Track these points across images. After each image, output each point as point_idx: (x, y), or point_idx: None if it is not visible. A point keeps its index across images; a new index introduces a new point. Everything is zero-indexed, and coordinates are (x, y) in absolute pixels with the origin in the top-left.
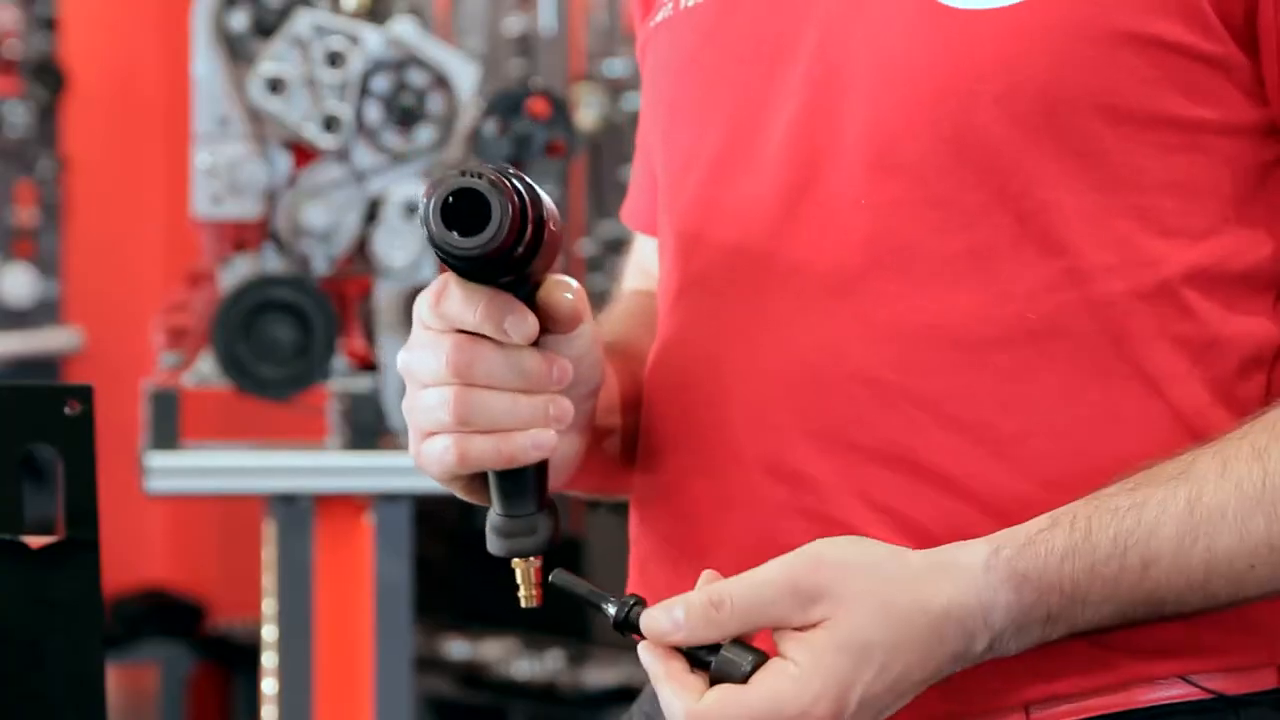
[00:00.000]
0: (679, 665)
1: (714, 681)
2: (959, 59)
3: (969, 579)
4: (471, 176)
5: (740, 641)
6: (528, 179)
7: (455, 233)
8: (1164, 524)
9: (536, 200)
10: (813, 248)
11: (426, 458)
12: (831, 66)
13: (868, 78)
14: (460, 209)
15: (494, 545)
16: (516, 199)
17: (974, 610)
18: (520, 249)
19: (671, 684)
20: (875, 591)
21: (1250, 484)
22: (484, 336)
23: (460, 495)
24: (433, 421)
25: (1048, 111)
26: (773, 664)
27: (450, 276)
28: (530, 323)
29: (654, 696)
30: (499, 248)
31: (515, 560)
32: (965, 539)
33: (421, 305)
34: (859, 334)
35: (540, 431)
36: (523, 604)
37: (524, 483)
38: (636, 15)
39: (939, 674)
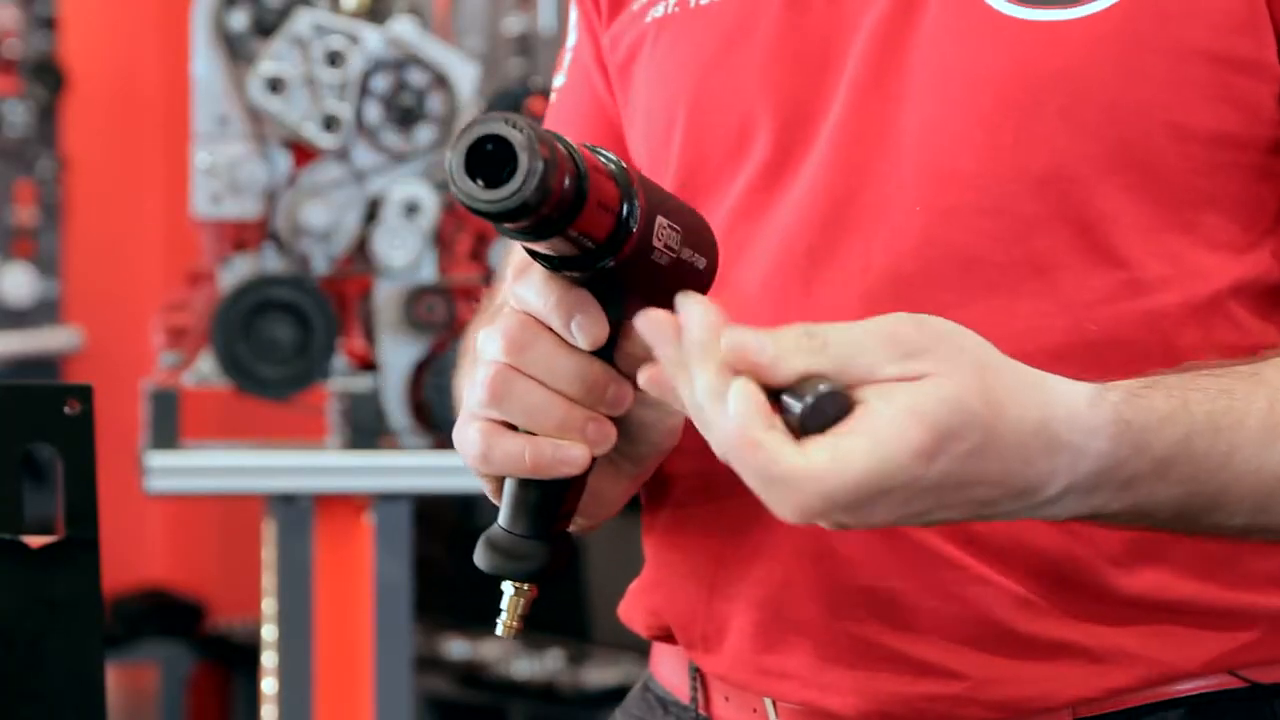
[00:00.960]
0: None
1: (804, 427)
2: (1022, 69)
3: (1070, 407)
4: (507, 125)
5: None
6: (607, 154)
7: (480, 183)
8: (1250, 415)
9: (580, 170)
10: (864, 255)
11: (459, 443)
12: (881, 72)
13: (922, 85)
14: (494, 161)
15: (483, 559)
16: (552, 153)
17: (1065, 445)
18: (548, 210)
19: (766, 438)
20: (982, 365)
21: None
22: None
23: (490, 496)
24: (473, 400)
25: (1111, 123)
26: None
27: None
28: (599, 329)
29: (641, 701)
30: (523, 205)
31: (506, 583)
32: (1024, 539)
33: (505, 284)
34: None
35: (572, 446)
36: (499, 630)
37: (539, 499)
38: (596, 8)
39: (1003, 500)
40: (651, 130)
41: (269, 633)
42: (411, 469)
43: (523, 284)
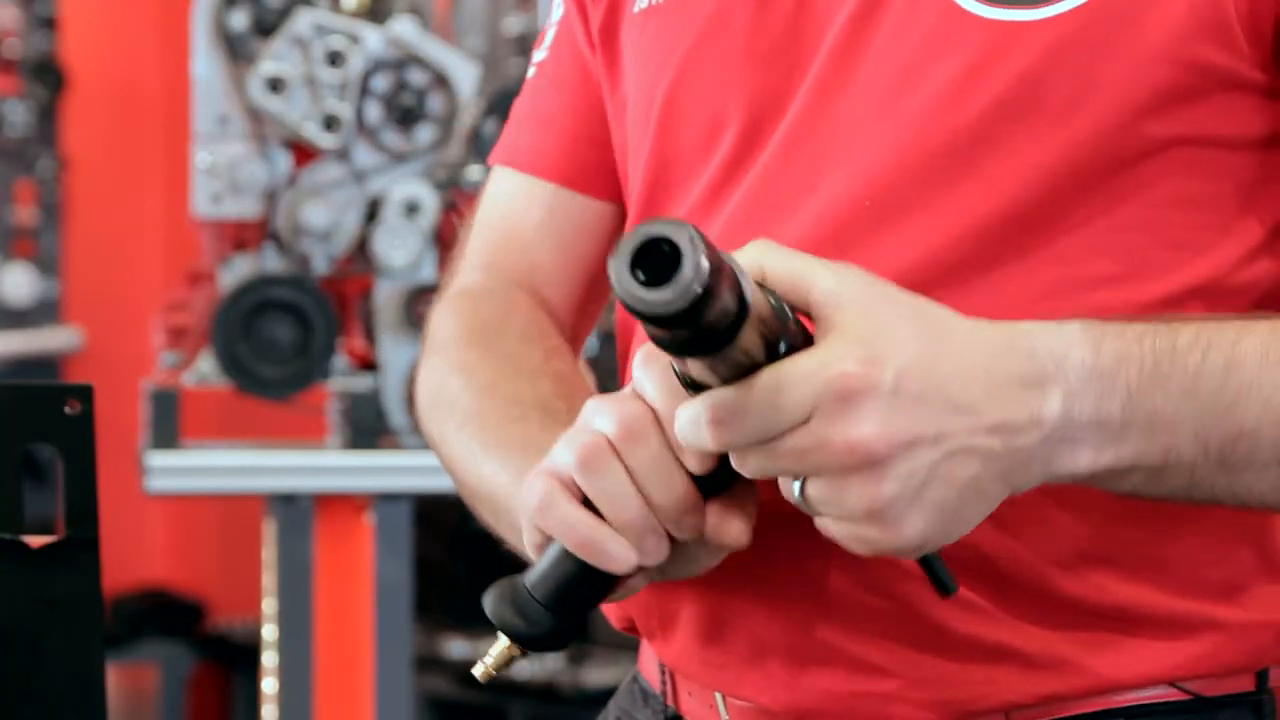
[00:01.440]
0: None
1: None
2: (982, 68)
3: (1034, 327)
4: (674, 227)
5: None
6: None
7: (640, 279)
8: (1247, 334)
9: (741, 285)
10: (811, 252)
11: (526, 487)
12: (842, 68)
13: (883, 81)
14: (658, 271)
15: (492, 605)
16: (717, 261)
17: (1043, 353)
18: (711, 317)
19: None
20: (923, 304)
21: None
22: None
23: (528, 550)
24: (559, 457)
25: (1068, 125)
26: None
27: (665, 355)
28: (710, 459)
29: (628, 693)
30: (682, 310)
31: (503, 634)
32: (965, 540)
33: (636, 358)
34: None
35: (626, 547)
36: (476, 670)
37: (572, 576)
38: None
39: (1005, 420)
40: (632, 121)
41: (269, 632)
42: (412, 469)
43: (648, 375)
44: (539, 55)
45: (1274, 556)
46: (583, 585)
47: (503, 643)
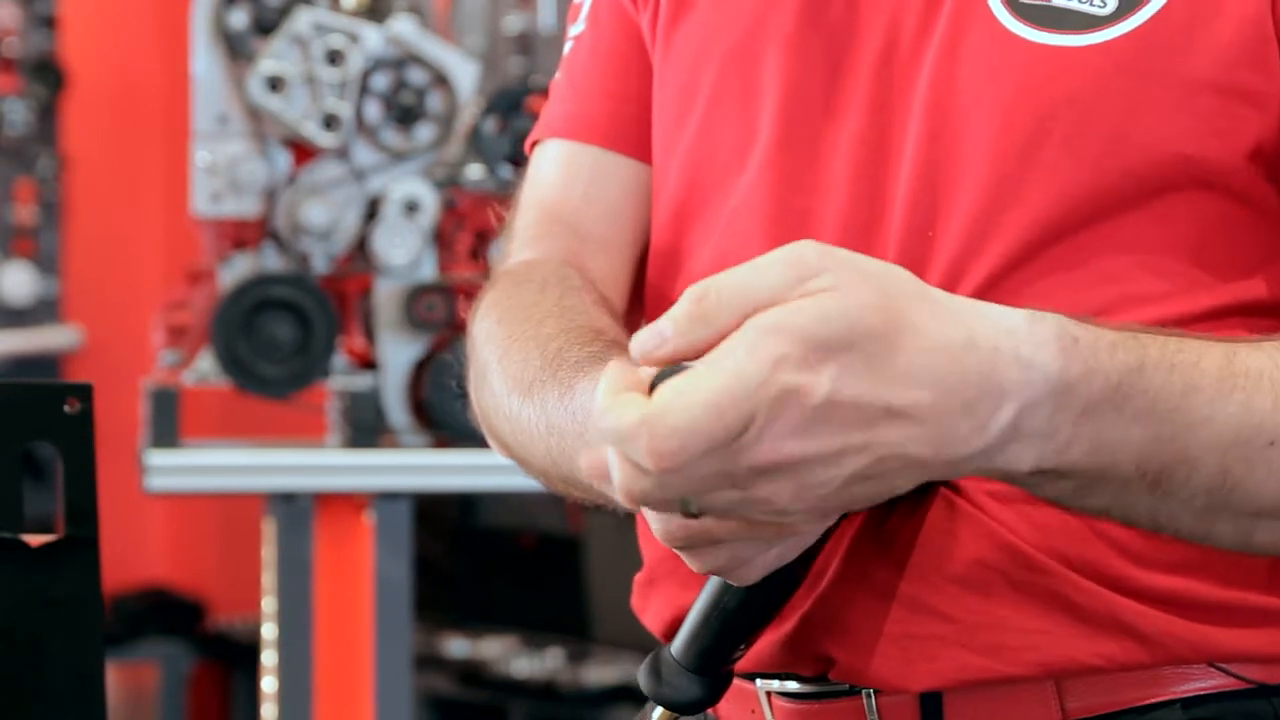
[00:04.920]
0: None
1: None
2: (1030, 94)
3: (1008, 324)
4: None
5: None
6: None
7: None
8: (1206, 358)
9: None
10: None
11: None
12: (893, 85)
13: (931, 103)
14: None
15: (649, 684)
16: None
17: (1009, 361)
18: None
19: (613, 403)
20: (887, 286)
21: None
22: None
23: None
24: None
25: (1115, 154)
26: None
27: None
28: None
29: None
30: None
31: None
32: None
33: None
34: None
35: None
36: None
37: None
38: None
39: (947, 428)
40: (664, 115)
41: (269, 631)
42: (412, 468)
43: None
44: (575, 29)
45: None
46: (727, 638)
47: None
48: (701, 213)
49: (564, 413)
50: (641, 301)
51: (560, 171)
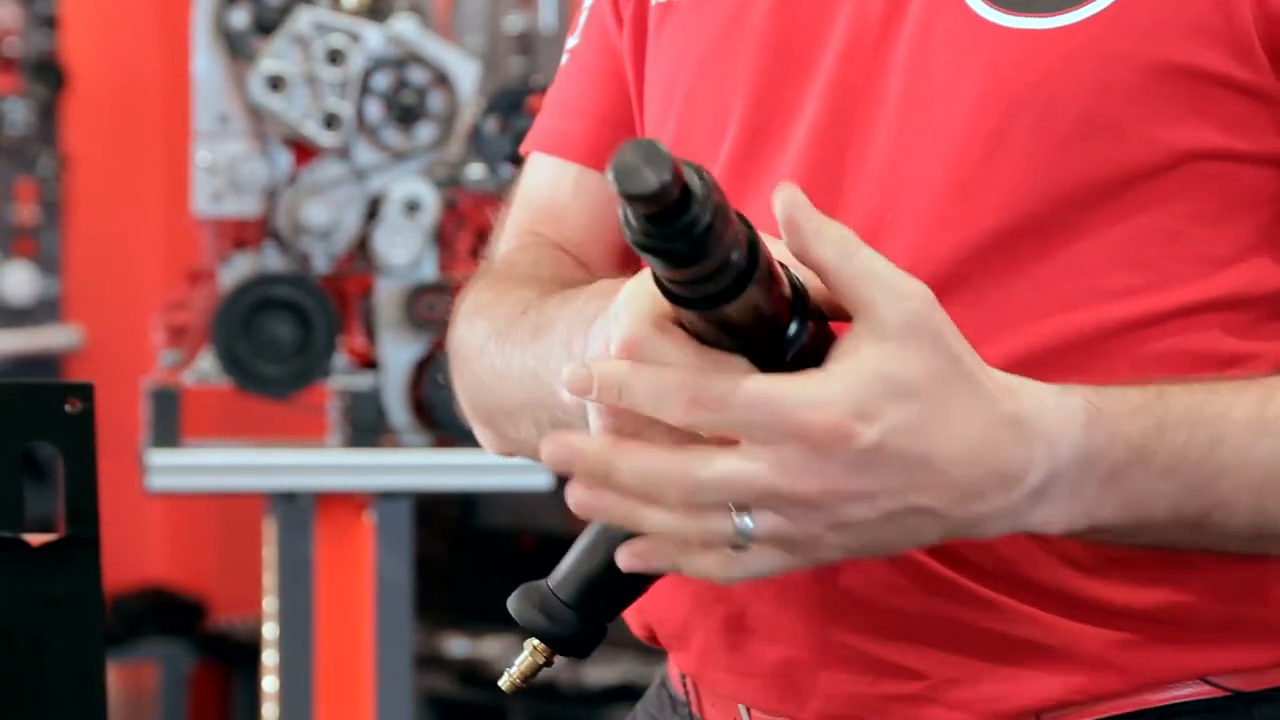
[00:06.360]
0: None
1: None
2: (998, 79)
3: (1039, 397)
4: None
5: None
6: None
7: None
8: (1235, 408)
9: (754, 240)
10: None
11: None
12: (861, 71)
13: (899, 89)
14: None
15: (519, 607)
16: (724, 198)
17: (1039, 432)
18: (712, 236)
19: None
20: (951, 353)
21: None
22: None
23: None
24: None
25: (1084, 137)
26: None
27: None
28: None
29: (656, 698)
30: (677, 199)
31: (532, 638)
32: (985, 543)
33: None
34: None
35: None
36: (503, 682)
37: (601, 575)
38: None
39: (984, 492)
40: (650, 117)
41: (269, 631)
42: (412, 467)
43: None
44: (571, 41)
45: None
46: (624, 588)
47: (529, 649)
48: None
49: (552, 316)
50: None
51: (547, 181)
